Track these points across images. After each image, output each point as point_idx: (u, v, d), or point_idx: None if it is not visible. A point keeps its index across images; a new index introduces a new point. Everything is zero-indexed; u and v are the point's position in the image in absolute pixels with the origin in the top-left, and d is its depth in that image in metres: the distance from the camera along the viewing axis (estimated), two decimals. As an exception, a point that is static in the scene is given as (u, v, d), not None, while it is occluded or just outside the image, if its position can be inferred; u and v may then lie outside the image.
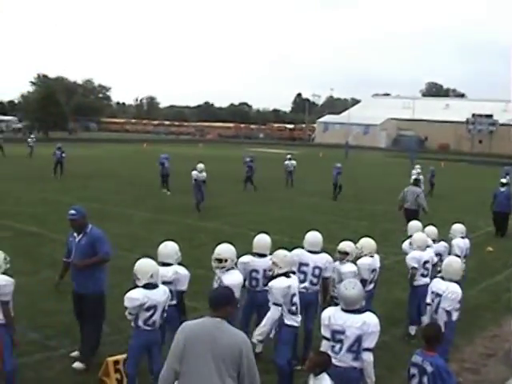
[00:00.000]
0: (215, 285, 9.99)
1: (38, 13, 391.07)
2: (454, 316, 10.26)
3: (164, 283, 9.76)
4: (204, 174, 29.57)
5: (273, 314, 9.70)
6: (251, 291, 11.16)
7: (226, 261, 10.14)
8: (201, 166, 29.65)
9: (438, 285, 10.59)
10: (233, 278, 10.09)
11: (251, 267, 11.08)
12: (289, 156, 43.40)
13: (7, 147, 59.86)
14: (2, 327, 9.25)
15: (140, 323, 9.15)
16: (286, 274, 9.82)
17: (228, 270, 10.12)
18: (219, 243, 10.54)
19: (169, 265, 10.15)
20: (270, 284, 9.86)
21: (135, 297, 9.04)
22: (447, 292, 10.28)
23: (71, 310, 11.25)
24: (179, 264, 10.34)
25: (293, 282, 9.83)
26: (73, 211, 10.85)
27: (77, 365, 10.51)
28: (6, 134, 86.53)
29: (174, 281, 10.06)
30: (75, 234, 10.87)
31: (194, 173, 29.46)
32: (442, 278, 10.65)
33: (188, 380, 6.23)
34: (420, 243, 13.04)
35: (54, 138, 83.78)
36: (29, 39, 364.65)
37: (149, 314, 9.11)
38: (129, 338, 9.59)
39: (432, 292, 10.62)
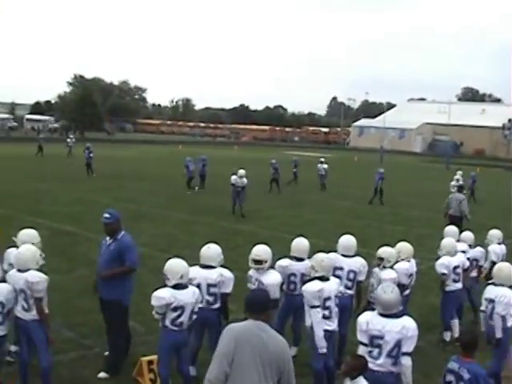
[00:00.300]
0: (252, 286, 10.01)
1: (75, 14, 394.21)
2: (510, 321, 10.16)
3: (209, 286, 9.86)
4: (244, 180, 28.84)
5: (315, 318, 9.66)
6: (289, 295, 11.11)
7: (265, 262, 10.18)
8: (242, 172, 29.05)
9: (490, 291, 10.51)
10: (272, 278, 10.17)
11: (290, 271, 11.07)
12: (321, 159, 43.34)
13: (45, 147, 60.25)
14: (36, 323, 9.34)
15: (167, 323, 9.16)
16: (322, 278, 9.78)
17: (266, 270, 10.17)
18: (256, 244, 10.59)
19: (212, 267, 10.10)
20: (303, 287, 9.90)
21: (162, 296, 9.07)
22: (499, 297, 10.19)
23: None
24: (222, 266, 10.27)
25: (328, 285, 9.76)
26: (107, 215, 10.73)
27: (102, 375, 10.46)
28: (42, 134, 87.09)
29: (218, 283, 10.02)
30: (107, 238, 10.80)
31: (234, 178, 28.96)
32: (494, 284, 10.57)
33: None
34: (448, 249, 12.91)
35: (90, 138, 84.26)
36: (66, 40, 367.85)
37: (176, 314, 9.11)
38: (158, 339, 9.60)
39: (485, 299, 10.55)
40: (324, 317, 9.68)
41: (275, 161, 40.36)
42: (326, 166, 42.41)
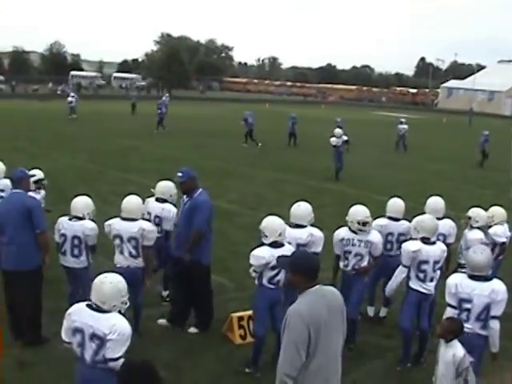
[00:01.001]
0: (350, 248, 10.06)
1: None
2: None
3: (298, 245, 9.62)
4: (344, 137, 27.96)
5: (397, 273, 9.74)
6: (384, 255, 10.81)
7: (370, 223, 10.16)
8: (339, 131, 28.25)
9: None
10: (377, 236, 10.26)
11: (387, 230, 11.00)
12: (401, 120, 42.72)
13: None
14: (140, 270, 9.83)
15: (264, 281, 9.06)
16: (424, 240, 9.63)
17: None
18: (354, 205, 10.45)
19: (302, 226, 9.91)
20: (403, 245, 9.85)
21: (261, 255, 8.92)
22: None
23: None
24: (312, 225, 10.07)
25: (428, 248, 9.59)
26: (180, 173, 10.48)
27: (192, 329, 10.59)
28: (128, 92, 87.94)
29: (308, 243, 9.83)
30: (184, 196, 10.66)
31: (333, 139, 27.78)
32: None
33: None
34: None
35: (177, 96, 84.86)
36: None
37: (274, 272, 8.99)
38: (252, 297, 9.52)
39: None
40: (418, 278, 9.59)
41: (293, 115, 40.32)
42: (405, 126, 41.60)
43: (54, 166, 22.99)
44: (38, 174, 12.63)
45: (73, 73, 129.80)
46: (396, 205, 11.30)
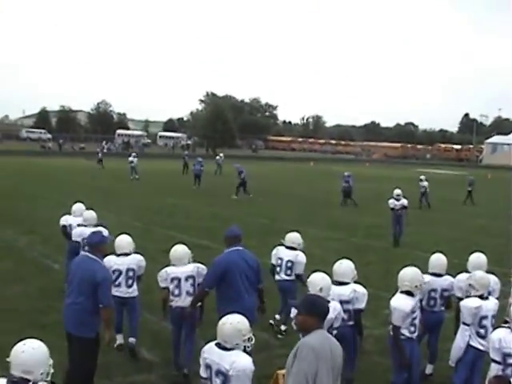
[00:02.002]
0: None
1: (208, 34, 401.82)
2: None
3: (341, 302, 9.67)
4: (404, 200, 25.53)
5: (461, 333, 9.67)
6: (428, 311, 10.84)
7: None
8: (398, 191, 25.87)
9: None
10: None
11: (430, 286, 10.93)
12: (421, 177, 41.81)
13: (178, 163, 61.36)
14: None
15: None
16: (481, 296, 9.64)
17: None
18: (404, 267, 10.23)
19: (345, 283, 9.98)
20: (461, 302, 9.80)
21: None
22: None
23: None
24: (355, 282, 10.14)
25: (486, 304, 9.59)
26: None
27: None
28: (172, 151, 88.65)
29: (352, 299, 9.89)
30: None
31: (391, 201, 25.68)
32: None
33: None
34: None
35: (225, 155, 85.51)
36: (198, 59, 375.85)
37: None
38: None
39: None
40: (479, 335, 9.54)
41: (348, 173, 40.03)
42: (426, 183, 40.65)
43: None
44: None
45: (119, 131, 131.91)
46: (439, 260, 11.24)
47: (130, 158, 53.96)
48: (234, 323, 6.98)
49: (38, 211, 29.86)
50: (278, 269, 13.48)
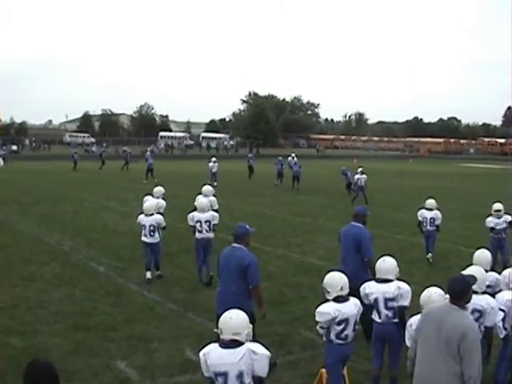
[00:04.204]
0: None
1: (248, 35, 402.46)
2: None
3: (387, 300, 9.74)
4: (508, 217, 19.70)
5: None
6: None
7: None
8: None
9: None
10: None
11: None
12: (360, 169, 40.03)
13: (224, 163, 61.36)
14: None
15: (332, 337, 9.08)
16: None
17: None
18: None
19: (389, 281, 9.95)
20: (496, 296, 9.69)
21: (326, 311, 8.99)
22: None
23: (285, 321, 11.53)
24: (398, 279, 10.09)
25: None
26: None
27: None
28: (216, 152, 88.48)
29: (396, 297, 9.84)
30: None
31: (490, 219, 20.26)
32: None
33: (418, 358, 7.23)
34: None
35: (265, 154, 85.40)
36: (240, 59, 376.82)
37: (340, 327, 9.02)
38: (324, 354, 9.55)
39: None
40: None
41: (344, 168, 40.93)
42: (365, 176, 39.22)
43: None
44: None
45: (162, 133, 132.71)
46: (482, 256, 11.04)
47: (211, 164, 50.15)
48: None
49: (82, 215, 30.11)
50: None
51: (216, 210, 19.04)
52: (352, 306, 9.06)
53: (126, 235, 24.27)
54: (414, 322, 8.41)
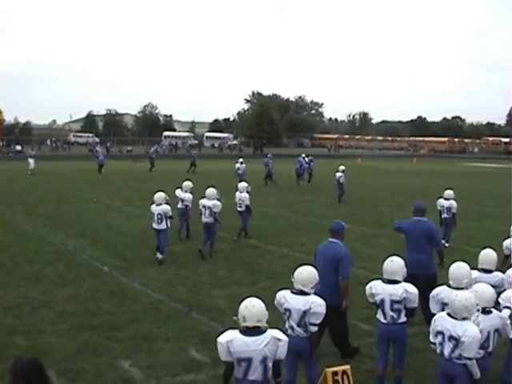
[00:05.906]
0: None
1: (251, 34, 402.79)
2: None
3: (393, 302, 9.68)
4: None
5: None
6: None
7: None
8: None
9: None
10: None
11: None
12: (340, 167, 39.05)
13: (230, 163, 61.25)
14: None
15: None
16: None
17: None
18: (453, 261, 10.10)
19: (396, 282, 9.82)
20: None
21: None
22: None
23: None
24: (405, 281, 9.96)
25: None
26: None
27: None
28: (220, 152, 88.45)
29: (403, 299, 9.72)
30: None
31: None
32: None
33: None
34: None
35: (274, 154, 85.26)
36: (243, 59, 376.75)
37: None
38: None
39: None
40: None
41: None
42: (342, 174, 38.54)
43: (148, 226, 23.21)
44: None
45: (166, 133, 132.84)
46: (487, 256, 10.98)
47: (237, 165, 48.47)
48: None
49: (87, 215, 30.10)
50: None
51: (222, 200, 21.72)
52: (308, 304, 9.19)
53: (130, 235, 24.31)
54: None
